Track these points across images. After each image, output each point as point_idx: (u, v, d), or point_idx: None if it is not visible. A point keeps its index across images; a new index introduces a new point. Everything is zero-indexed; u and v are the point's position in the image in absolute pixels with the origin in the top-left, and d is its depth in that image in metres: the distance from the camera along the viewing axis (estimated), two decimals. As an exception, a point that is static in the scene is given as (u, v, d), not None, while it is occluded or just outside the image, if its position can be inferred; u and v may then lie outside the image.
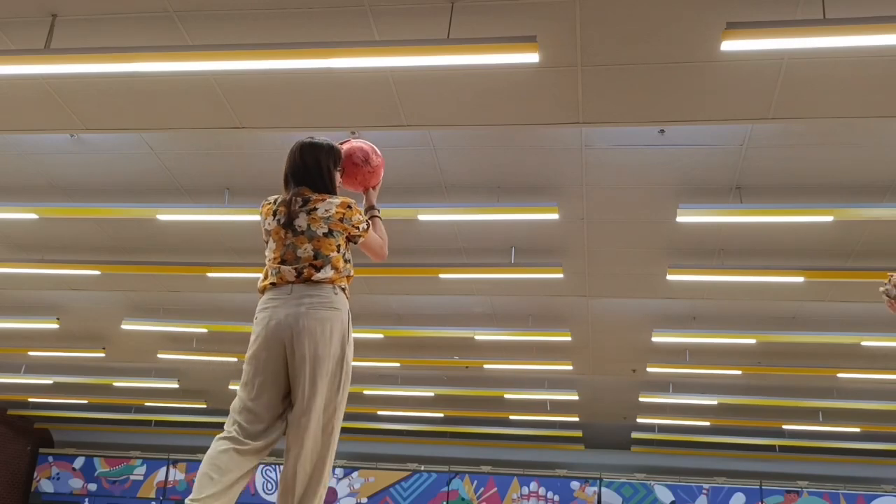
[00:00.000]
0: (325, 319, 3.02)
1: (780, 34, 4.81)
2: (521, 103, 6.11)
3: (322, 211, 3.12)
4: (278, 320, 3.02)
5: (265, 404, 3.01)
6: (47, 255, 9.36)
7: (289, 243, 3.10)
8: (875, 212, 7.15)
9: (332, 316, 3.04)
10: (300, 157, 3.25)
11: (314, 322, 3.00)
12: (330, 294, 3.06)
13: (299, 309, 3.01)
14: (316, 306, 3.02)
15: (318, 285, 3.05)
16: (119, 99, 6.42)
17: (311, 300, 3.02)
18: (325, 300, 3.04)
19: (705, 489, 15.28)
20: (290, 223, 3.11)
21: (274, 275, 3.11)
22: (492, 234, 8.49)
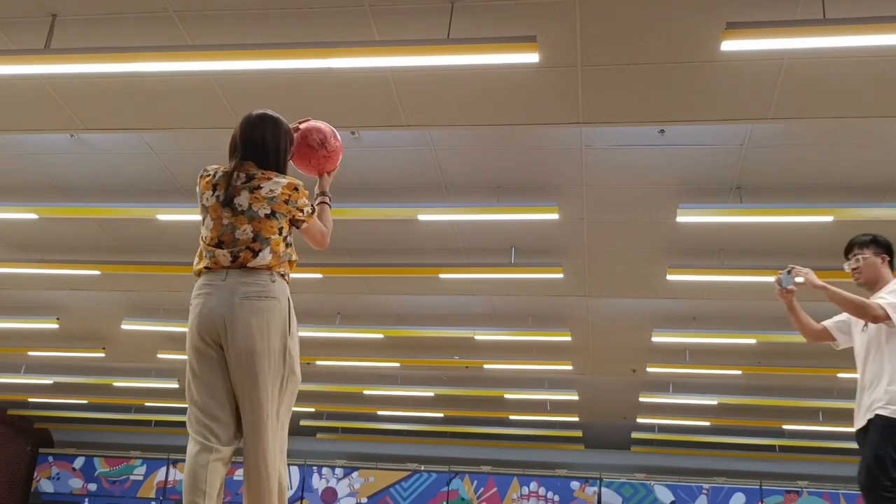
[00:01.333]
0: (262, 311, 2.80)
1: (780, 34, 4.82)
2: (521, 103, 6.12)
3: (266, 191, 2.88)
4: (210, 308, 2.83)
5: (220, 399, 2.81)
6: (47, 255, 9.36)
7: (227, 223, 2.88)
8: (875, 212, 7.15)
9: (269, 306, 2.81)
10: (259, 130, 2.99)
11: (248, 314, 2.78)
12: (267, 282, 2.84)
13: (233, 299, 2.80)
14: (250, 296, 2.80)
15: (253, 272, 2.83)
16: (119, 99, 6.42)
17: (246, 289, 2.81)
18: (262, 289, 2.82)
19: (705, 489, 15.28)
20: (230, 201, 2.88)
21: (208, 258, 2.92)
22: (492, 234, 8.49)
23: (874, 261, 4.00)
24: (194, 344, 2.86)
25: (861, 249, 4.04)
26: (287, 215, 2.93)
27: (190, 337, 2.88)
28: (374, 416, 15.92)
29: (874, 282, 3.97)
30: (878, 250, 4.02)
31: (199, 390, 2.83)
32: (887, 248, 4.04)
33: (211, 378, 2.83)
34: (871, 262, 4.00)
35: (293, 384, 2.90)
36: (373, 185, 7.69)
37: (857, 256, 4.04)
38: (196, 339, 2.85)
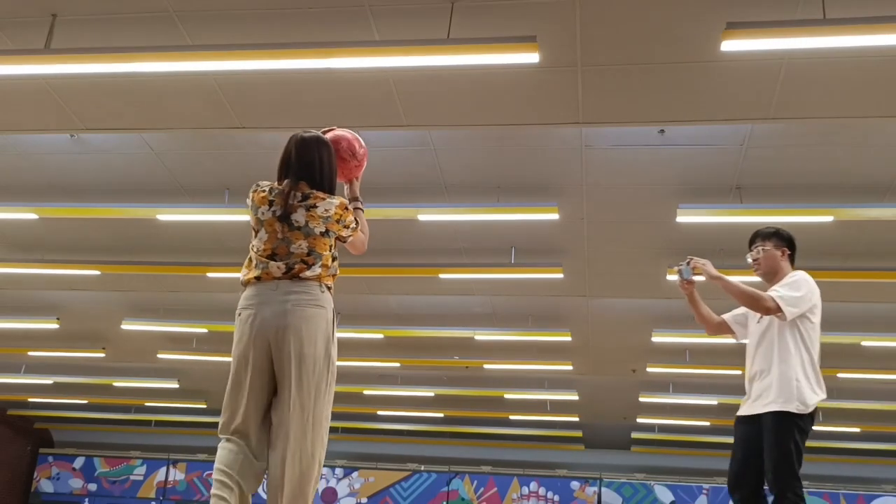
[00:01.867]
0: (311, 317, 2.95)
1: (780, 34, 4.82)
2: (521, 103, 6.12)
3: (322, 210, 3.06)
4: (263, 318, 2.97)
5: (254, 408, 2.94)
6: (47, 255, 9.36)
7: (282, 237, 3.03)
8: (875, 212, 7.15)
9: (317, 314, 2.97)
10: (316, 153, 3.20)
11: (299, 320, 2.93)
12: (316, 291, 2.99)
13: (285, 306, 2.94)
14: (301, 303, 2.95)
15: (304, 282, 2.98)
16: (119, 99, 6.42)
17: (298, 297, 2.95)
18: (312, 297, 2.97)
19: (705, 489, 15.28)
20: (287, 217, 3.03)
21: (260, 269, 3.04)
22: (492, 234, 8.49)
23: (774, 253, 4.07)
24: (244, 353, 3.00)
25: (763, 241, 4.12)
26: (336, 233, 3.12)
27: (241, 347, 3.01)
28: (374, 416, 15.93)
29: (773, 274, 4.04)
30: (780, 243, 4.09)
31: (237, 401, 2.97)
32: (789, 242, 4.11)
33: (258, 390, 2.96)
34: (772, 254, 4.07)
35: (332, 388, 3.04)
36: (373, 185, 7.66)
37: (758, 248, 4.13)
38: (247, 348, 2.99)
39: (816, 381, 3.78)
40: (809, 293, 3.85)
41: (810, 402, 3.70)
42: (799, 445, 3.65)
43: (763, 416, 3.75)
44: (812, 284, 3.90)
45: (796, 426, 3.66)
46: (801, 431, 3.67)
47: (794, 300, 3.79)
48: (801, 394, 3.70)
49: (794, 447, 3.63)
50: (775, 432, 3.67)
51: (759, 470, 3.73)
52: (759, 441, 3.74)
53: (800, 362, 3.77)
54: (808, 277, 3.93)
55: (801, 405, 3.68)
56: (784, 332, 3.83)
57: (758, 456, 3.73)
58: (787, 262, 4.06)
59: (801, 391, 3.70)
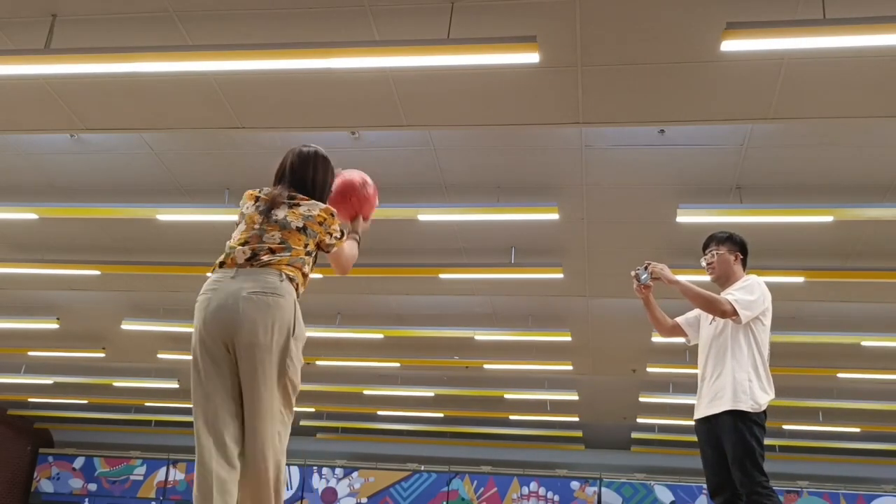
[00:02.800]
0: (268, 307, 2.79)
1: (780, 34, 4.82)
2: (521, 103, 6.12)
3: (304, 209, 3.00)
4: (218, 303, 2.84)
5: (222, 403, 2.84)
6: (47, 255, 9.36)
7: (257, 228, 2.97)
8: (875, 212, 7.15)
9: (274, 303, 2.80)
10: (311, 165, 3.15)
11: (254, 309, 2.78)
12: (275, 281, 2.84)
13: (239, 293, 2.81)
14: (257, 291, 2.81)
15: (264, 271, 2.85)
16: (119, 99, 6.42)
17: (254, 284, 2.82)
18: (269, 286, 2.82)
19: (705, 489, 15.25)
20: (268, 211, 2.99)
21: (226, 255, 2.96)
22: (492, 234, 8.49)
23: (727, 258, 4.20)
24: (202, 340, 2.87)
25: (717, 246, 4.25)
26: (318, 235, 3.02)
27: (196, 335, 2.89)
28: (374, 416, 15.92)
29: (726, 278, 4.16)
30: (733, 248, 4.22)
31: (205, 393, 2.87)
32: (742, 247, 4.25)
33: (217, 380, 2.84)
34: (725, 258, 4.19)
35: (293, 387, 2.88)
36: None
37: (712, 252, 4.25)
38: (204, 336, 2.87)
39: (767, 381, 3.88)
40: (762, 297, 3.96)
41: (762, 402, 3.80)
42: (760, 441, 3.75)
43: (720, 417, 3.85)
44: (764, 288, 4.01)
45: (754, 423, 3.77)
46: (760, 427, 3.78)
47: (749, 304, 3.90)
48: (753, 393, 3.80)
49: (756, 443, 3.73)
50: (735, 431, 3.77)
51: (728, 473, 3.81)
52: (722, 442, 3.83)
53: (752, 363, 3.87)
54: (761, 281, 4.05)
55: (754, 404, 3.78)
56: (737, 335, 3.94)
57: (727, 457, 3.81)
58: (740, 266, 4.20)
59: (754, 391, 3.81)
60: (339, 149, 7.23)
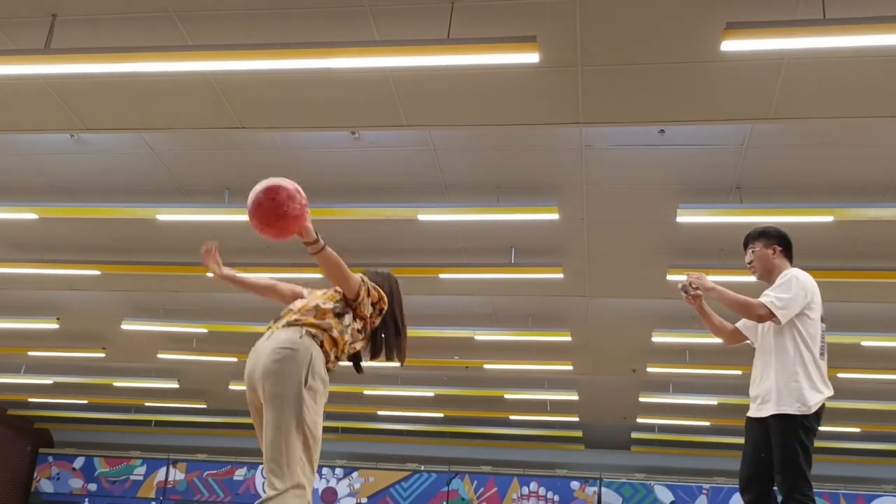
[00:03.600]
0: (282, 359, 3.00)
1: (780, 34, 4.82)
2: (520, 103, 6.12)
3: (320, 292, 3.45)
4: (250, 359, 3.15)
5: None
6: (47, 255, 9.36)
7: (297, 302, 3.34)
8: (875, 212, 7.15)
9: (289, 356, 3.01)
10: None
11: (270, 361, 3.02)
12: (294, 337, 3.05)
13: (265, 349, 3.08)
14: (276, 348, 3.04)
15: (289, 328, 3.11)
16: (119, 99, 6.42)
17: (277, 344, 3.06)
18: (288, 342, 3.04)
19: (705, 489, 15.27)
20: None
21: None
22: (492, 234, 8.49)
23: (765, 252, 4.06)
24: (248, 397, 3.23)
25: (753, 243, 4.12)
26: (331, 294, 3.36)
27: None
28: (374, 416, 15.92)
29: (768, 273, 4.02)
30: (769, 241, 4.07)
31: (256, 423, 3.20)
32: (779, 239, 4.07)
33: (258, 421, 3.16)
34: (762, 254, 4.06)
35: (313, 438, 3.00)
36: (373, 185, 7.69)
37: (749, 251, 4.13)
38: (247, 390, 3.21)
39: (820, 379, 3.78)
40: (801, 290, 3.81)
41: (811, 402, 3.69)
42: (805, 445, 3.63)
43: (767, 420, 3.76)
44: (804, 281, 3.86)
45: (800, 427, 3.65)
46: (807, 431, 3.66)
47: (786, 302, 3.76)
48: (801, 395, 3.70)
49: (800, 447, 3.61)
50: (780, 434, 3.67)
51: (767, 472, 3.72)
52: (765, 442, 3.75)
53: (800, 362, 3.76)
54: (801, 274, 3.90)
55: (802, 406, 3.68)
56: (782, 334, 3.83)
57: (766, 457, 3.72)
58: (782, 258, 4.04)
59: (801, 392, 3.70)
60: (339, 149, 7.24)
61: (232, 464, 16.68)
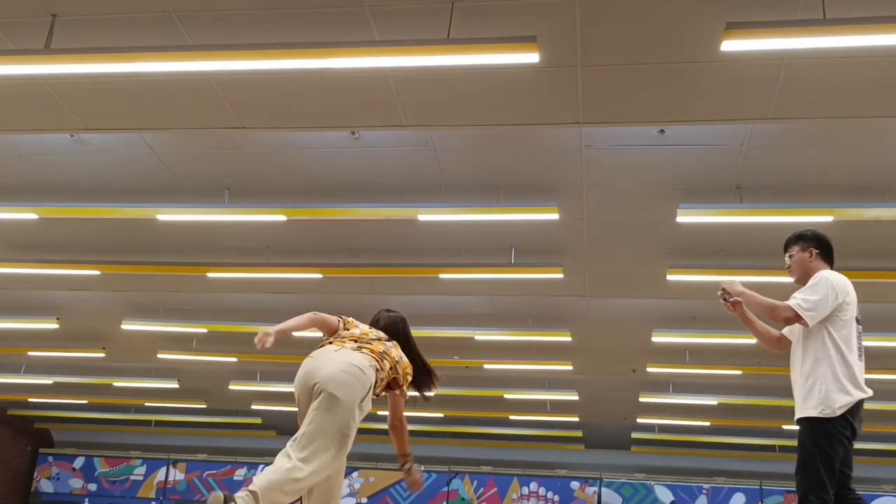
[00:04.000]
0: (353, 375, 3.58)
1: (780, 34, 4.82)
2: (521, 103, 6.11)
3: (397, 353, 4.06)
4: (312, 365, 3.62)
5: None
6: (47, 255, 9.36)
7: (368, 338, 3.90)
8: (875, 212, 7.15)
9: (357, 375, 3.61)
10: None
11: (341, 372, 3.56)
12: (365, 362, 3.68)
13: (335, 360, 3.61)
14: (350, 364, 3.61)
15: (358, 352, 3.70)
16: (119, 99, 6.42)
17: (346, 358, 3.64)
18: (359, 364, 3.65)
19: (705, 489, 15.28)
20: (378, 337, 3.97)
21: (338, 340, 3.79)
22: (492, 234, 8.49)
23: (801, 256, 4.04)
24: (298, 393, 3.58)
25: (790, 248, 4.10)
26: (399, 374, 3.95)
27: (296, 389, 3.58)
28: (374, 416, 15.84)
29: (805, 277, 3.99)
30: (806, 245, 4.06)
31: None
32: (816, 242, 4.06)
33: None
34: (799, 258, 4.05)
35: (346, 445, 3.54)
36: (373, 185, 7.69)
37: (787, 255, 4.11)
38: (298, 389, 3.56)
39: (850, 381, 3.73)
40: (830, 292, 3.76)
41: (837, 405, 3.65)
42: (825, 449, 3.60)
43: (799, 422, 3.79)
44: (835, 282, 3.81)
45: (820, 430, 3.63)
46: (829, 434, 3.62)
47: (814, 304, 3.74)
48: (825, 397, 3.66)
49: (818, 451, 3.60)
50: (800, 436, 3.71)
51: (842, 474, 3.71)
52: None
53: (827, 364, 3.73)
54: (831, 276, 3.86)
55: (825, 409, 3.65)
56: (811, 336, 3.81)
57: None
58: (819, 260, 4.01)
59: (828, 394, 3.67)
60: (339, 149, 7.24)
61: (232, 464, 16.68)
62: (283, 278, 9.42)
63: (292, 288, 9.92)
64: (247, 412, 16.31)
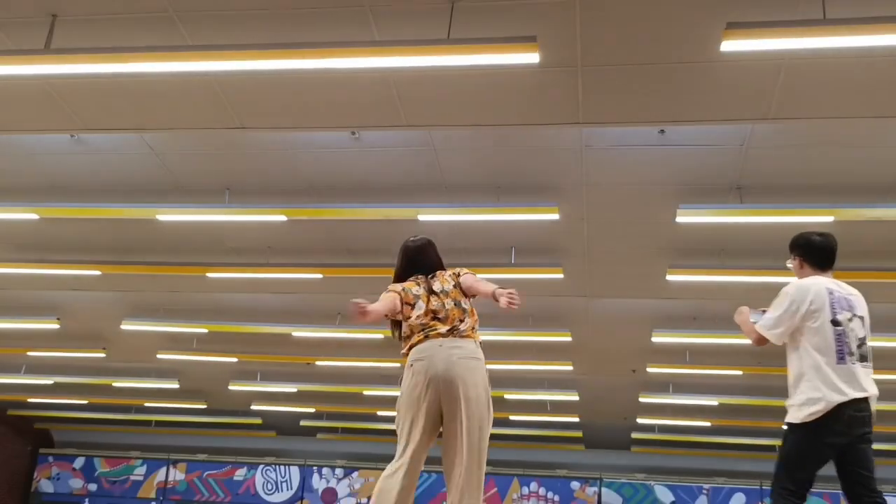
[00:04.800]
0: (472, 369, 3.79)
1: (780, 34, 4.81)
2: (521, 103, 6.12)
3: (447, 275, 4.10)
4: (437, 369, 3.67)
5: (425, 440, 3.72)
6: (47, 255, 9.36)
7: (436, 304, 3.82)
8: (875, 212, 7.15)
9: (476, 365, 3.84)
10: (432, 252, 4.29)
11: (465, 371, 3.75)
12: (475, 348, 3.85)
13: (451, 359, 3.71)
14: (464, 357, 3.78)
15: (465, 339, 3.80)
16: (119, 99, 6.42)
17: (460, 352, 3.77)
18: (470, 352, 3.82)
19: (705, 489, 15.28)
20: (430, 289, 3.91)
21: (424, 332, 3.76)
22: (492, 234, 8.49)
23: (794, 265, 4.09)
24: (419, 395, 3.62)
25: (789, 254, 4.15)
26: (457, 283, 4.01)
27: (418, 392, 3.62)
28: (374, 416, 15.92)
29: None
30: (794, 253, 4.10)
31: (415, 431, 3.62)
32: (800, 249, 4.09)
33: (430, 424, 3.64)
34: (795, 266, 4.10)
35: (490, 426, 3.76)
36: (373, 185, 7.69)
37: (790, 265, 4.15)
38: (426, 393, 3.62)
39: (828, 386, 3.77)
40: (790, 306, 3.81)
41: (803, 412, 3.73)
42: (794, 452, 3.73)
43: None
44: (794, 294, 3.85)
45: (792, 433, 3.76)
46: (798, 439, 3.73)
47: (774, 322, 3.83)
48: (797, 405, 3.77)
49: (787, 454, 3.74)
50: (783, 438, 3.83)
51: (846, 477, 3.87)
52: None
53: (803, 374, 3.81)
54: (794, 287, 3.90)
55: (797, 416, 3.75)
56: (790, 346, 3.88)
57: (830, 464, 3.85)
58: (807, 268, 4.03)
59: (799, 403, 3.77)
60: (339, 149, 7.24)
61: (232, 464, 16.68)
62: (283, 278, 9.42)
63: (292, 288, 9.93)
64: (247, 412, 16.32)
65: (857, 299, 4.00)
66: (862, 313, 4.00)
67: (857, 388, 3.80)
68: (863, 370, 3.85)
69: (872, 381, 3.87)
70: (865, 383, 3.80)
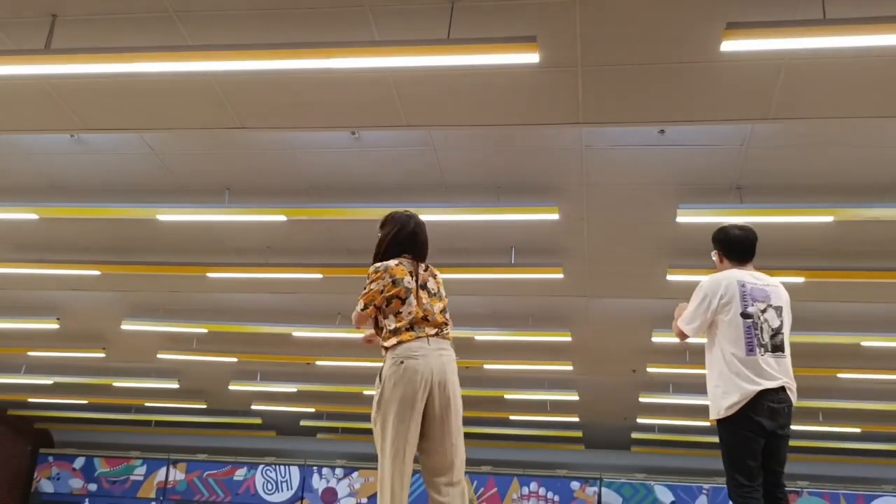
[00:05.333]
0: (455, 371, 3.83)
1: (780, 34, 4.81)
2: (521, 103, 6.12)
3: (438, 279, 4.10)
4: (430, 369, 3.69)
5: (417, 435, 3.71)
6: (47, 255, 9.36)
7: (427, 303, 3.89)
8: (875, 212, 7.15)
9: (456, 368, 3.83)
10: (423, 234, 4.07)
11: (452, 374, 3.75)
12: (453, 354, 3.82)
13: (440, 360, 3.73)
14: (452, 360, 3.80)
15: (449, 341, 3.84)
16: (119, 99, 6.42)
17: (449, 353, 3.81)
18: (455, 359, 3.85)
19: (705, 489, 15.28)
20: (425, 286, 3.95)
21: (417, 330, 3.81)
22: (492, 234, 8.49)
23: (715, 258, 4.19)
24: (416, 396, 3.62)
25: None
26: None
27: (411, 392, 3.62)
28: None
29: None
30: (714, 248, 4.20)
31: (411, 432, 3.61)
32: (719, 243, 4.17)
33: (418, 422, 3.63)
34: (715, 259, 4.20)
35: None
36: (373, 185, 7.69)
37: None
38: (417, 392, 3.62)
39: (741, 378, 3.80)
40: (703, 301, 3.90)
41: (723, 405, 3.82)
42: (727, 447, 3.81)
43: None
44: (710, 286, 3.93)
45: (723, 429, 3.84)
46: (729, 434, 3.81)
47: (689, 317, 3.95)
48: (716, 400, 3.88)
49: (723, 451, 3.82)
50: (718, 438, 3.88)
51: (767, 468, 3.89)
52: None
53: (717, 368, 3.92)
54: (707, 281, 3.97)
55: (719, 410, 3.86)
56: (707, 342, 3.99)
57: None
58: (726, 262, 4.11)
59: (717, 397, 3.88)
60: (339, 149, 7.24)
61: (232, 464, 16.68)
62: (283, 278, 9.42)
63: (292, 288, 9.93)
64: (247, 412, 16.32)
65: (775, 289, 3.98)
66: (779, 303, 3.95)
67: (769, 378, 3.78)
68: (775, 360, 3.81)
69: (788, 371, 3.84)
70: (778, 373, 3.78)
